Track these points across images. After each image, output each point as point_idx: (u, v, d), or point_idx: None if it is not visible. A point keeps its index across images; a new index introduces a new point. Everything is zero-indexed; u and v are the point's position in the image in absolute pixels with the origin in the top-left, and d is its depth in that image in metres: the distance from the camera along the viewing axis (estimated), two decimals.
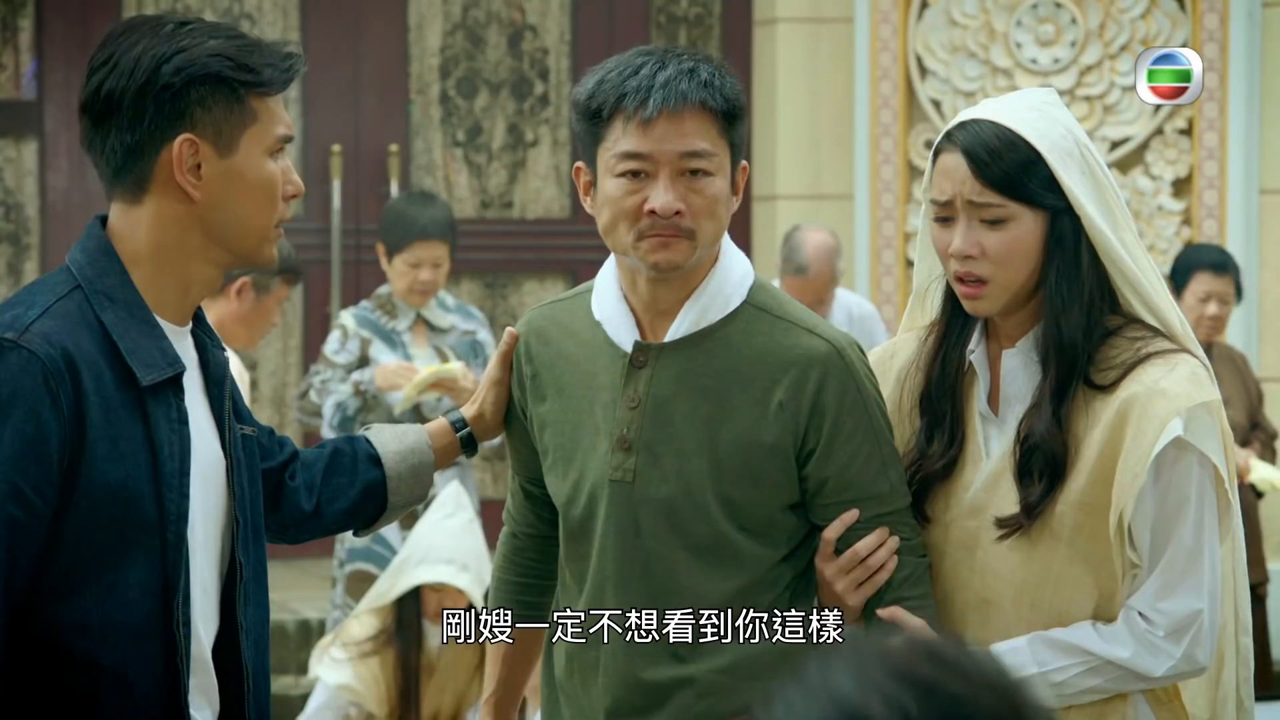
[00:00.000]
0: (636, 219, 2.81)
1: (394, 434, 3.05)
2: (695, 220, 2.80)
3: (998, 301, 2.87)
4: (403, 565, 5.52)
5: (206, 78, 2.61)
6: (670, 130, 2.79)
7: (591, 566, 2.91)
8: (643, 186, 2.81)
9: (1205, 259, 6.87)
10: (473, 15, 8.57)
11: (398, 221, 6.12)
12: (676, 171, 2.80)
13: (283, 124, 2.67)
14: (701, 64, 2.83)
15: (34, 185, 8.29)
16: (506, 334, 3.01)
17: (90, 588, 2.57)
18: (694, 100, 2.79)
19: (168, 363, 2.61)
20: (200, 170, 2.62)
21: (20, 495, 2.51)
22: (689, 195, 2.80)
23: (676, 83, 2.79)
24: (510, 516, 3.15)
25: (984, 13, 8.08)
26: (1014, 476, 2.87)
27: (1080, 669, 2.84)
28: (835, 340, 2.88)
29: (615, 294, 2.92)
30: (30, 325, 2.55)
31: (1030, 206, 2.83)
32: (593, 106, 2.83)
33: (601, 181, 2.86)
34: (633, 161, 2.81)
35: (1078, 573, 2.84)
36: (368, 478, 3.01)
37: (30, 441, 2.51)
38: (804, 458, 2.86)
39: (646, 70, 2.81)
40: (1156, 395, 2.78)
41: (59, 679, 2.57)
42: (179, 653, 2.61)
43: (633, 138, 2.80)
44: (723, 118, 2.82)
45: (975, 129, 2.86)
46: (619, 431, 2.87)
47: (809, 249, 6.82)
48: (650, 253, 2.82)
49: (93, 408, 2.55)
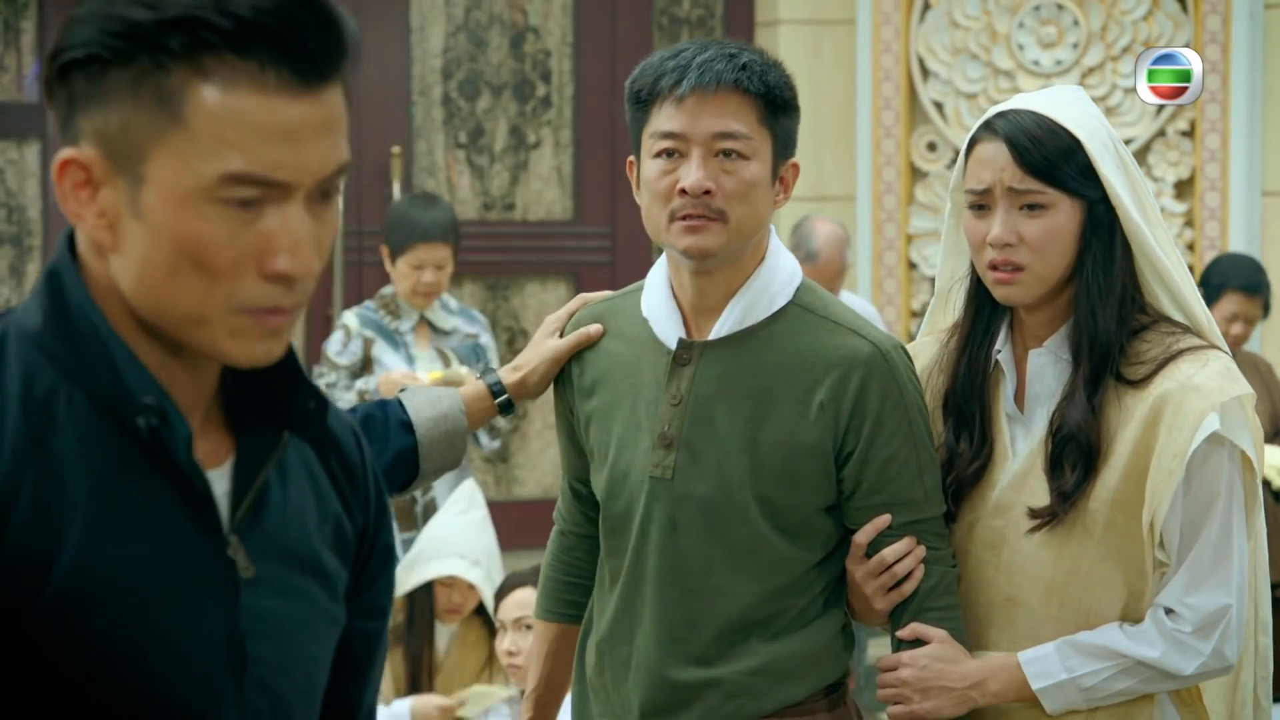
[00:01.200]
0: (669, 199, 2.80)
1: (427, 399, 2.99)
2: (727, 202, 2.79)
3: (1031, 290, 2.86)
4: (415, 560, 5.52)
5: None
6: (703, 109, 2.78)
7: (627, 562, 2.91)
8: (676, 166, 2.80)
9: (1238, 279, 6.49)
10: (475, 17, 8.58)
11: (400, 223, 6.11)
12: (709, 151, 2.79)
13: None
14: (746, 52, 2.82)
15: (36, 187, 8.29)
16: (594, 327, 2.97)
17: None
18: (728, 80, 2.78)
19: None
20: None
21: None
22: (721, 176, 2.79)
23: (713, 63, 2.78)
24: (560, 515, 3.15)
25: (986, 14, 8.08)
26: (1045, 469, 2.86)
27: (1111, 671, 2.83)
28: (880, 342, 2.87)
29: (664, 291, 2.92)
30: None
31: (1069, 195, 2.84)
32: (635, 90, 2.84)
33: (643, 165, 2.86)
34: (667, 140, 2.80)
35: (1108, 570, 2.84)
36: (399, 444, 2.96)
37: None
38: (843, 459, 2.86)
39: (687, 54, 2.81)
40: (1191, 391, 2.78)
41: None
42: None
43: (667, 116, 2.80)
44: (762, 103, 2.80)
45: (1015, 118, 2.86)
46: (661, 428, 2.87)
47: (819, 237, 6.85)
48: (681, 236, 2.81)
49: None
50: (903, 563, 2.88)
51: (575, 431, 3.01)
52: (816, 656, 2.90)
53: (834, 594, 2.93)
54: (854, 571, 2.90)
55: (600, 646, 2.97)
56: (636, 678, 2.90)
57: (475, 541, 5.54)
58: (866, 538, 2.88)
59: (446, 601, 5.51)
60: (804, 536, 2.88)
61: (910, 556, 2.88)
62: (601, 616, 2.97)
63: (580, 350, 2.98)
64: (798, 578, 2.88)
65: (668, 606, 2.87)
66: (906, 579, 2.88)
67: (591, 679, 2.99)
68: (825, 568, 2.91)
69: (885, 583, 2.88)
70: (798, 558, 2.87)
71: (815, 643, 2.90)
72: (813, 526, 2.88)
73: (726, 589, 2.86)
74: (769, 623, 2.87)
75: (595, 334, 2.97)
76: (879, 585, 2.89)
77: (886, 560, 2.87)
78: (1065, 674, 2.84)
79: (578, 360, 2.98)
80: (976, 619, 2.93)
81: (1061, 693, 2.84)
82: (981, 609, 2.92)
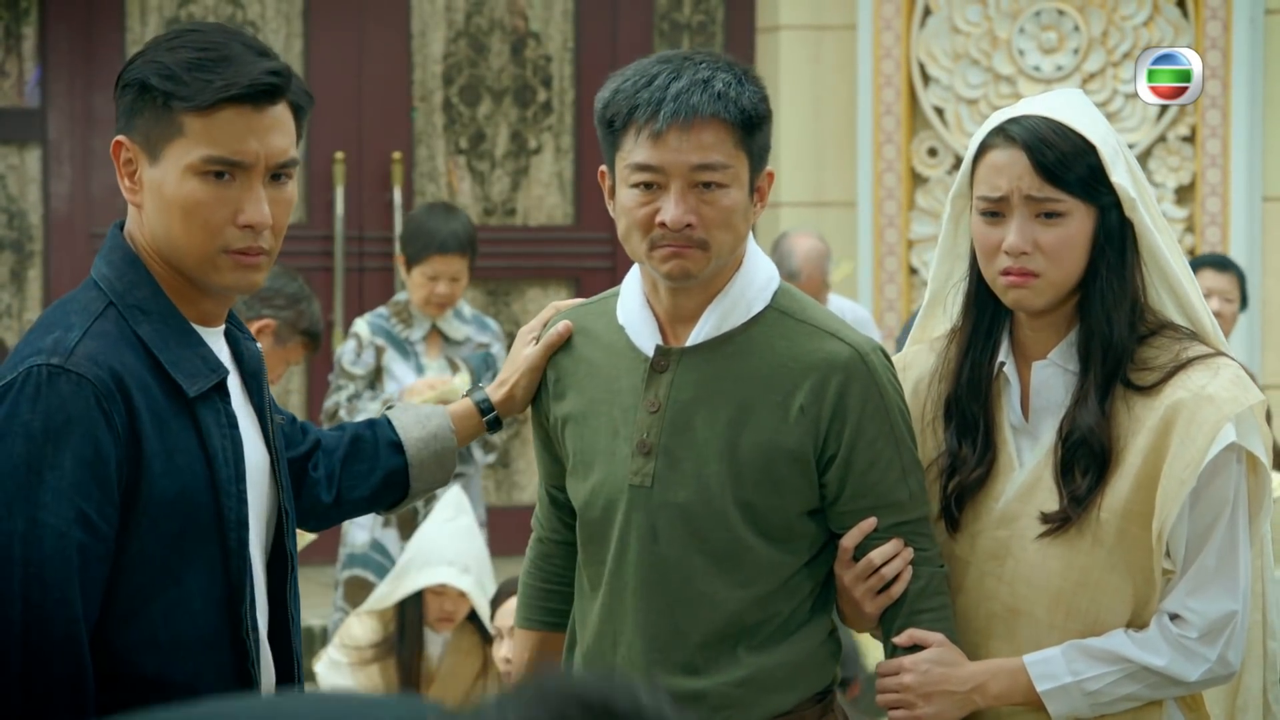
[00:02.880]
0: (649, 229, 2.81)
1: (416, 418, 3.01)
2: (708, 231, 2.79)
3: (1043, 295, 2.84)
4: (405, 569, 5.51)
5: (136, 84, 2.59)
6: (682, 142, 2.78)
7: (607, 571, 2.90)
8: (655, 198, 2.80)
9: (1206, 259, 6.92)
10: (476, 22, 8.57)
11: (418, 233, 6.11)
12: (688, 184, 2.79)
13: (222, 146, 2.56)
14: (720, 72, 2.80)
15: (37, 192, 8.29)
16: (561, 325, 2.98)
17: (156, 604, 2.55)
18: (706, 113, 2.77)
19: (210, 369, 2.60)
20: (136, 174, 2.61)
21: (86, 520, 2.49)
22: (701, 207, 2.79)
23: (688, 95, 2.77)
24: (538, 522, 3.14)
25: (987, 20, 8.08)
26: (1055, 476, 2.84)
27: (1116, 676, 2.82)
28: (858, 345, 2.86)
29: (639, 299, 2.92)
30: (74, 348, 2.52)
31: (1084, 202, 2.82)
32: (608, 116, 2.83)
33: (619, 190, 2.86)
34: (644, 173, 2.80)
35: (1117, 580, 2.83)
36: (389, 464, 2.99)
37: (90, 465, 2.49)
38: (825, 463, 2.85)
39: (660, 80, 2.79)
40: (1204, 401, 2.77)
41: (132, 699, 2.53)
42: (250, 659, 2.61)
43: (644, 149, 2.79)
44: (739, 128, 2.80)
45: (1030, 124, 2.83)
46: (639, 436, 2.86)
47: (799, 254, 6.85)
48: (662, 262, 2.81)
49: (145, 424, 2.53)
50: (891, 564, 2.87)
51: (550, 438, 3.00)
52: (804, 665, 2.89)
53: (821, 600, 2.92)
54: (842, 576, 2.90)
55: (587, 655, 2.95)
56: None
57: (464, 549, 5.52)
58: (853, 541, 2.87)
59: (438, 610, 5.49)
60: (787, 541, 2.87)
61: (898, 558, 2.87)
62: (585, 627, 2.96)
63: (556, 358, 2.97)
64: (783, 583, 2.87)
65: (651, 616, 2.86)
66: (895, 581, 2.87)
67: None
68: (811, 572, 2.90)
69: (874, 585, 2.87)
70: (782, 562, 2.86)
71: (802, 651, 2.89)
72: (795, 531, 2.87)
73: (710, 596, 2.84)
74: (755, 630, 2.86)
75: (565, 331, 2.96)
76: (868, 588, 2.88)
77: (874, 563, 2.87)
78: (1070, 677, 2.82)
79: (553, 367, 2.97)
80: (976, 630, 2.91)
81: (1066, 696, 2.83)
82: (981, 620, 2.91)
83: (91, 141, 8.17)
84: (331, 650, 5.54)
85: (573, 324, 2.98)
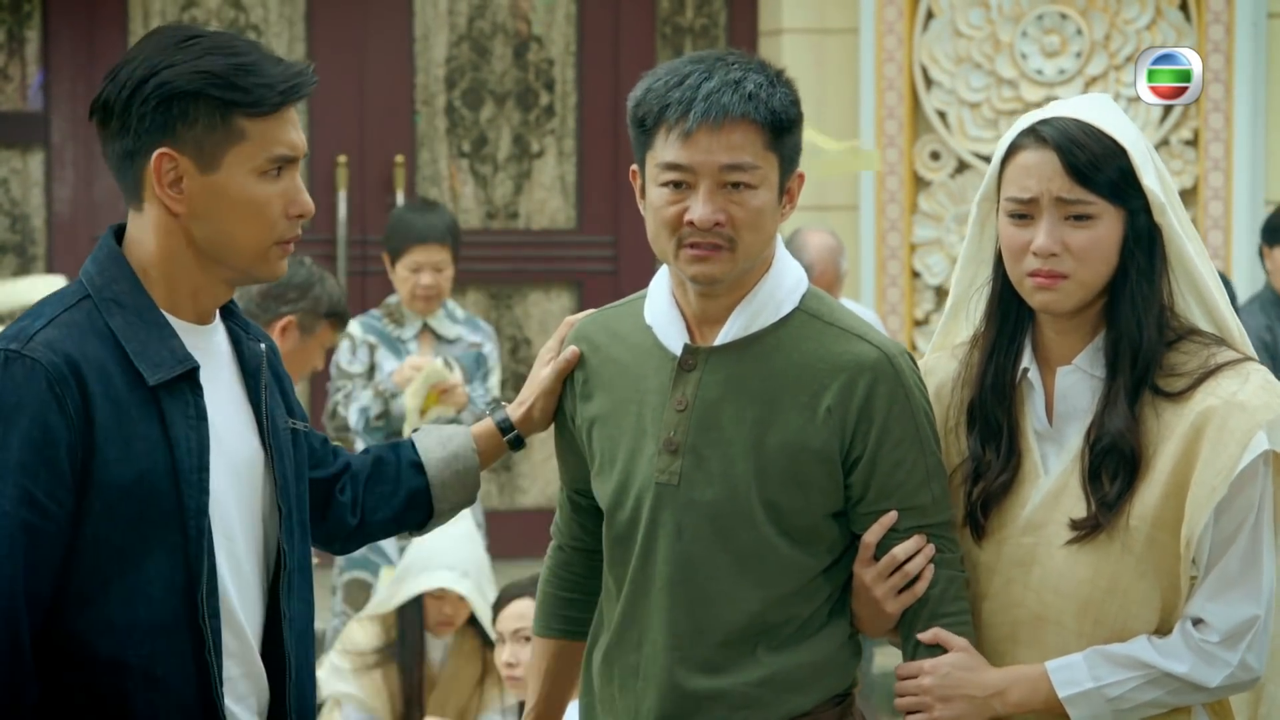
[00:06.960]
0: (677, 228, 2.82)
1: (438, 439, 3.06)
2: (736, 231, 2.81)
3: (1072, 297, 2.83)
4: (404, 574, 5.51)
5: (186, 94, 2.62)
6: (711, 142, 2.79)
7: (632, 569, 2.90)
8: (684, 197, 2.82)
9: None
10: (478, 26, 8.58)
11: (398, 228, 6.20)
12: (717, 184, 2.80)
13: (282, 144, 2.67)
14: (752, 73, 2.81)
15: (40, 196, 8.30)
16: (569, 351, 3.00)
17: (113, 588, 2.59)
18: (736, 113, 2.78)
19: (177, 361, 2.64)
20: (181, 184, 2.65)
21: (33, 500, 2.54)
22: (730, 207, 2.80)
23: (719, 95, 2.78)
24: (557, 529, 3.14)
25: (989, 24, 8.08)
26: (1083, 482, 2.83)
27: (1137, 682, 2.81)
28: (886, 347, 2.87)
29: (667, 298, 2.93)
30: (34, 335, 2.59)
31: (1114, 205, 2.81)
32: (639, 115, 2.85)
33: (649, 189, 2.87)
34: (674, 172, 2.81)
35: (1145, 587, 2.82)
36: (411, 486, 3.03)
37: (38, 447, 2.54)
38: (850, 464, 2.86)
39: (692, 80, 2.80)
40: (1235, 409, 2.76)
41: (88, 680, 2.59)
42: (207, 646, 2.63)
43: (674, 149, 2.80)
44: (769, 130, 2.81)
45: (1062, 125, 2.82)
46: (666, 434, 2.87)
47: (813, 250, 6.84)
48: (689, 264, 2.83)
49: (100, 410, 2.58)
50: (913, 561, 2.87)
51: (576, 439, 3.01)
52: (823, 666, 2.90)
53: (840, 603, 2.92)
54: (863, 574, 2.90)
55: (608, 655, 2.96)
56: (645, 686, 2.90)
57: (464, 553, 5.52)
58: (875, 537, 2.88)
59: (438, 614, 5.49)
60: (810, 543, 2.87)
61: (921, 555, 2.87)
62: (608, 625, 2.97)
63: (583, 359, 2.99)
64: (804, 584, 2.88)
65: (675, 613, 2.87)
66: (917, 579, 2.87)
67: (599, 688, 2.98)
68: (831, 575, 2.91)
69: (896, 583, 2.87)
70: (804, 564, 2.87)
71: (822, 653, 2.90)
72: (819, 532, 2.88)
73: (733, 595, 2.85)
74: (775, 631, 2.87)
75: (573, 358, 2.99)
76: (890, 587, 2.88)
77: (898, 558, 2.87)
78: (1092, 683, 2.82)
79: (580, 369, 2.99)
80: (1001, 637, 2.90)
81: (1088, 702, 2.82)
82: (1007, 627, 2.90)
83: (94, 145, 8.13)
84: (333, 655, 5.54)
85: (593, 329, 3.00)
